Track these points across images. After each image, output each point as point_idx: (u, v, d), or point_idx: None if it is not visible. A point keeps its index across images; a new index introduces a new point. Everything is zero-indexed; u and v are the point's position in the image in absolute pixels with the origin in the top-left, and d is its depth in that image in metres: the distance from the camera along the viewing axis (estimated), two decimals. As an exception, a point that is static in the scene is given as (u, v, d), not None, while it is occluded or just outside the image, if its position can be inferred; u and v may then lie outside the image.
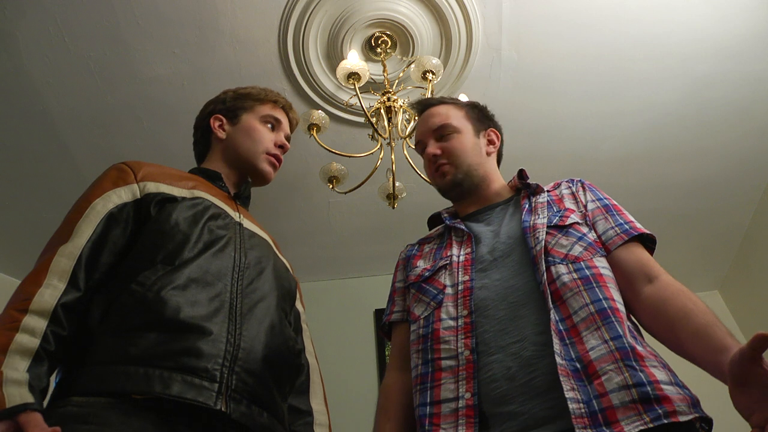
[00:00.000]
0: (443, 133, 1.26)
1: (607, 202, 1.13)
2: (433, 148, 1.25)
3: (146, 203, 1.07)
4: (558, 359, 0.86)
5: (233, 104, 1.35)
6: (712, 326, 0.87)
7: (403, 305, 1.21)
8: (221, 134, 1.32)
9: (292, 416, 1.15)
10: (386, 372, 1.19)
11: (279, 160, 1.33)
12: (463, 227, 1.17)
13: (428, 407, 0.95)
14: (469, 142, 1.26)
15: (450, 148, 1.24)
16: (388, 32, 2.23)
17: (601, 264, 1.00)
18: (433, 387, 0.96)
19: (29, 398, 0.80)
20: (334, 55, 2.26)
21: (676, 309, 0.92)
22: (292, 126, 1.43)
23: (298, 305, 1.31)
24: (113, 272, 1.00)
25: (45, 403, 0.87)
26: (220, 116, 1.34)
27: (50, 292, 0.90)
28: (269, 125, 1.34)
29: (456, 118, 1.28)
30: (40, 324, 0.87)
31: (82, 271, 0.95)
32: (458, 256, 1.12)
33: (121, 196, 1.06)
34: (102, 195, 1.05)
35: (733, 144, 2.73)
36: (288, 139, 1.39)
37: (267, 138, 1.32)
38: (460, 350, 0.97)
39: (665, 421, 0.78)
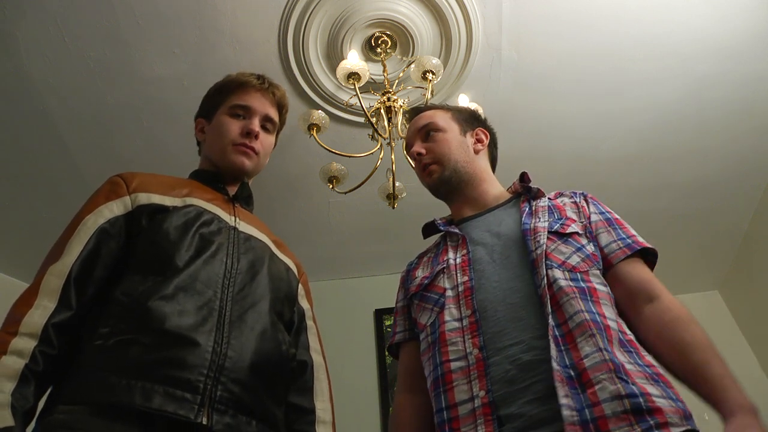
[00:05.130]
0: (428, 131, 1.29)
1: (610, 216, 1.13)
2: (417, 147, 1.28)
3: (137, 215, 1.07)
4: (554, 365, 0.86)
5: (209, 103, 1.34)
6: (706, 366, 0.88)
7: (405, 324, 1.21)
8: (201, 137, 1.33)
9: (295, 415, 1.15)
10: (395, 394, 1.19)
11: (251, 148, 1.25)
12: (457, 231, 1.17)
13: (445, 412, 0.94)
14: (455, 140, 1.27)
15: (435, 147, 1.26)
16: (388, 32, 2.23)
17: (597, 280, 1.01)
18: (446, 390, 0.96)
19: (10, 421, 0.80)
20: (334, 55, 2.26)
21: (674, 341, 0.93)
22: (275, 99, 1.33)
23: (304, 302, 1.29)
24: (109, 285, 1.00)
25: (34, 419, 0.88)
26: (201, 119, 1.34)
27: (40, 313, 0.90)
28: (238, 116, 1.27)
29: (441, 118, 1.31)
30: (29, 345, 0.87)
31: (72, 289, 0.95)
32: (454, 259, 1.12)
33: (113, 209, 1.06)
34: (94, 210, 1.05)
35: (733, 144, 2.73)
36: (269, 119, 1.31)
37: (233, 129, 1.26)
38: (468, 350, 0.96)
39: None
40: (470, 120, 1.34)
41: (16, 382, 0.83)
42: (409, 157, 1.34)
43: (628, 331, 0.96)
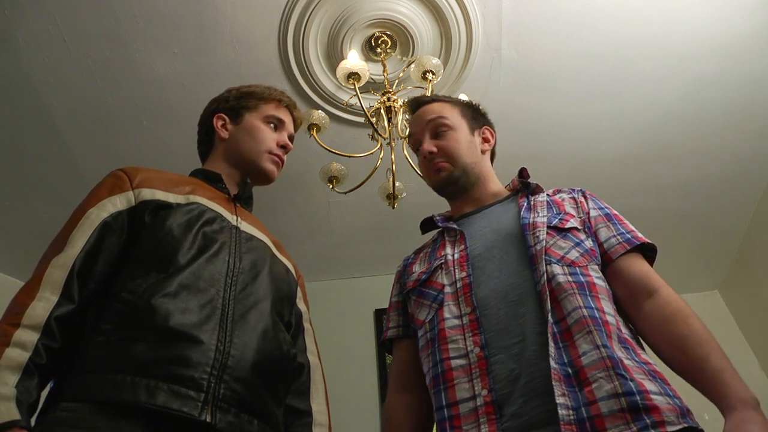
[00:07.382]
0: (439, 130, 1.25)
1: (609, 212, 1.12)
2: (428, 145, 1.23)
3: (141, 211, 1.06)
4: (552, 362, 0.86)
5: (236, 103, 1.34)
6: (705, 361, 0.87)
7: (399, 320, 1.20)
8: (224, 134, 1.32)
9: (292, 417, 1.14)
10: (387, 393, 1.17)
11: (282, 160, 1.33)
12: (455, 226, 1.17)
13: (446, 410, 0.94)
14: (465, 140, 1.25)
15: (446, 146, 1.23)
16: (388, 32, 2.23)
17: (596, 274, 1.00)
18: (447, 388, 0.95)
19: (16, 415, 0.79)
20: (334, 55, 2.26)
21: (673, 336, 0.93)
22: (296, 125, 1.42)
23: (301, 305, 1.30)
24: (109, 281, 0.99)
25: (36, 412, 0.87)
26: (223, 115, 1.33)
27: (43, 305, 0.90)
28: (272, 125, 1.33)
29: (451, 115, 1.27)
30: (32, 337, 0.86)
31: (74, 282, 0.94)
32: (452, 255, 1.11)
33: (116, 204, 1.05)
34: (97, 204, 1.04)
35: (733, 144, 2.73)
36: (291, 138, 1.38)
37: (269, 137, 1.31)
38: (469, 348, 0.96)
39: (653, 431, 0.78)
40: (477, 117, 1.32)
41: (20, 375, 0.83)
42: (411, 148, 1.31)
43: (624, 329, 0.95)
